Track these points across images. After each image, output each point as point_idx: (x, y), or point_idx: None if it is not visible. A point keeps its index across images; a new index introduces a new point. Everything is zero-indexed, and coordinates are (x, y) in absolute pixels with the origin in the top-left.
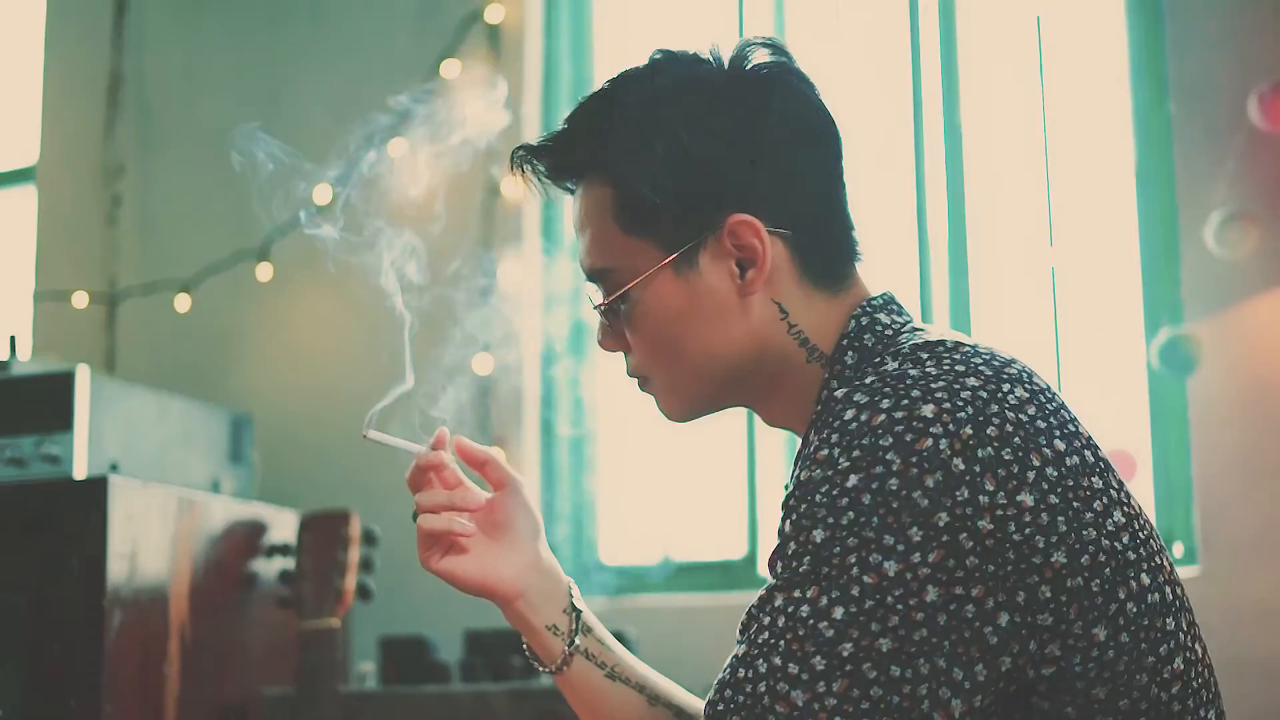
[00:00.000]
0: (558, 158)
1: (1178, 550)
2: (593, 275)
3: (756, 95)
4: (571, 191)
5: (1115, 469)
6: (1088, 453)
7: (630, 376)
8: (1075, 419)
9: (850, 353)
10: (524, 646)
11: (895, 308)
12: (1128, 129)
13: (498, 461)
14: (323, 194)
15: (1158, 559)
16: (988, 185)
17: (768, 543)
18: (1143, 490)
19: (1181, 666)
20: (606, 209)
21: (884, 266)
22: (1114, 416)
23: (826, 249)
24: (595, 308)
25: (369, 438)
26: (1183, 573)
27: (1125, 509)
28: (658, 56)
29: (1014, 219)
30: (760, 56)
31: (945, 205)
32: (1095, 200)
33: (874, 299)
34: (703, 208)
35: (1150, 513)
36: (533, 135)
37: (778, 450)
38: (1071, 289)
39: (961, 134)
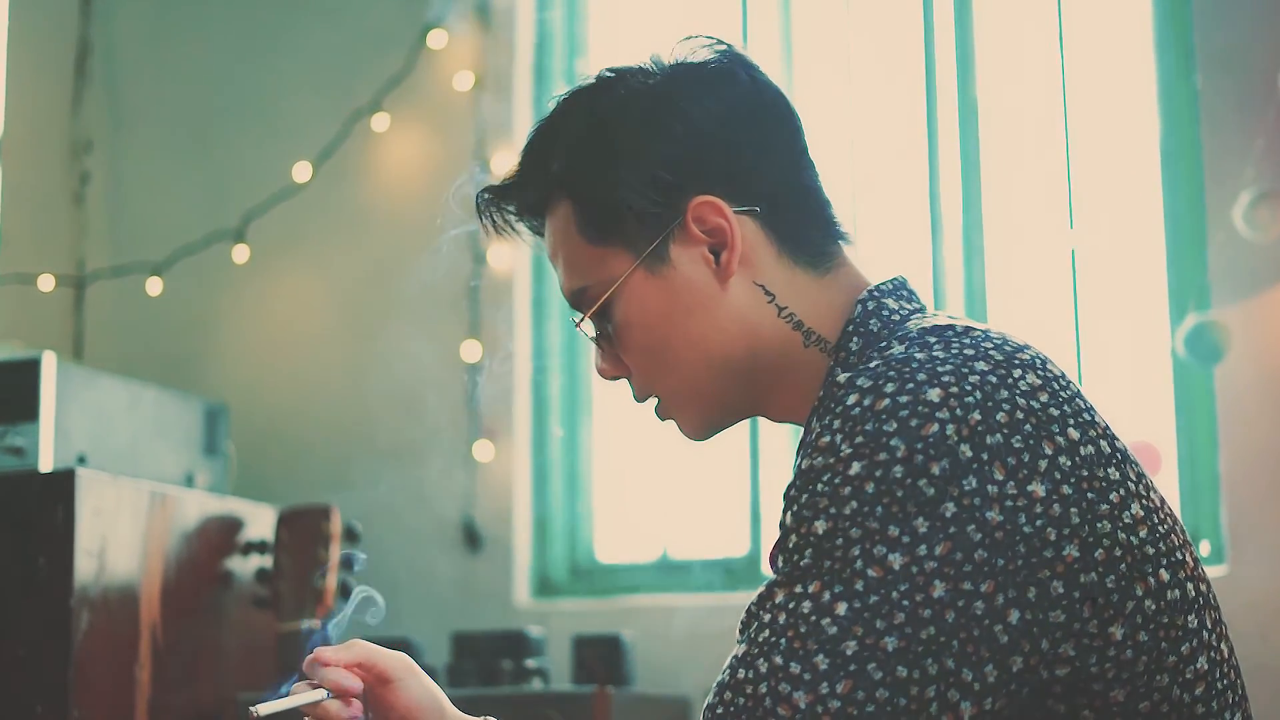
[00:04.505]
0: (523, 192)
1: (1204, 548)
2: (574, 300)
3: (704, 85)
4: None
5: (1136, 460)
6: (1104, 443)
7: (638, 401)
8: (1091, 407)
9: (855, 339)
10: None
11: (906, 293)
12: (1153, 104)
13: (370, 660)
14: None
15: (1179, 554)
16: (1004, 163)
17: (771, 540)
18: (1168, 485)
19: (1205, 667)
20: (571, 226)
21: (895, 250)
22: (1137, 407)
23: (802, 224)
24: (591, 337)
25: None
26: (1209, 571)
27: (1144, 502)
28: (607, 75)
29: (1032, 199)
30: (702, 53)
31: (960, 184)
32: (1118, 179)
33: (883, 284)
34: (664, 199)
35: (1175, 508)
36: (525, 111)
37: (781, 443)
38: (1093, 273)
39: (977, 109)
